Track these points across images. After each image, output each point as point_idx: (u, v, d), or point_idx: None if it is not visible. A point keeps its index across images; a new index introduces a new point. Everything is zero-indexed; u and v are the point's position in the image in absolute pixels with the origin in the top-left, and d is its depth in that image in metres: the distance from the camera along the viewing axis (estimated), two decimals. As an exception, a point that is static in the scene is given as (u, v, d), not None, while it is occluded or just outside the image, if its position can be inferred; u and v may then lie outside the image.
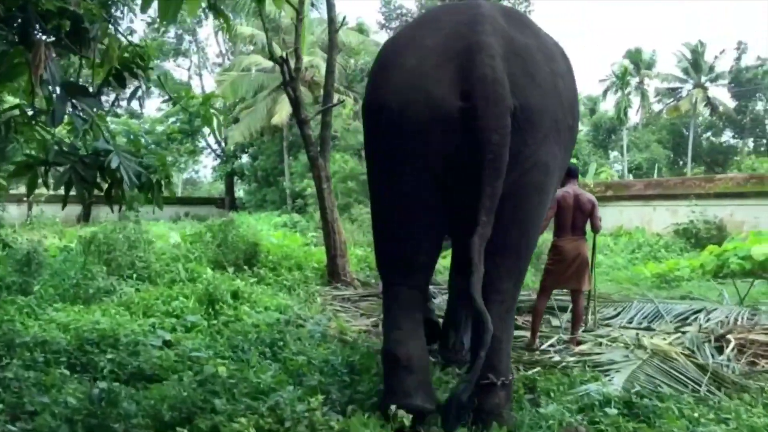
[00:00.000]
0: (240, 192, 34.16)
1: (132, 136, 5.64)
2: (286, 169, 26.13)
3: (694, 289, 9.31)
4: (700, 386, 4.42)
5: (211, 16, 32.77)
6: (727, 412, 3.68)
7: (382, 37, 31.89)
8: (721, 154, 42.02)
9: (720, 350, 5.15)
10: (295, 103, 8.53)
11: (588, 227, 5.60)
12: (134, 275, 7.78)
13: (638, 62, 39.10)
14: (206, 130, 32.98)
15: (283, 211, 23.78)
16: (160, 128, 26.57)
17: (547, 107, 3.44)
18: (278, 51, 10.41)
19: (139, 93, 4.35)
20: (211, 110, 4.63)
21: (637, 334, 5.46)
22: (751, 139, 41.92)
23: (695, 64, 39.79)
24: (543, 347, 5.48)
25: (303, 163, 23.32)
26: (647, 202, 15.81)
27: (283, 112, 22.01)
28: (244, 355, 4.36)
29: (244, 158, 31.40)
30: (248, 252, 9.08)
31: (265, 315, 6.27)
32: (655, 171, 30.97)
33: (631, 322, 6.54)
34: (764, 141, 41.63)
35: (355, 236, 12.32)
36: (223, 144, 33.38)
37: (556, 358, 5.12)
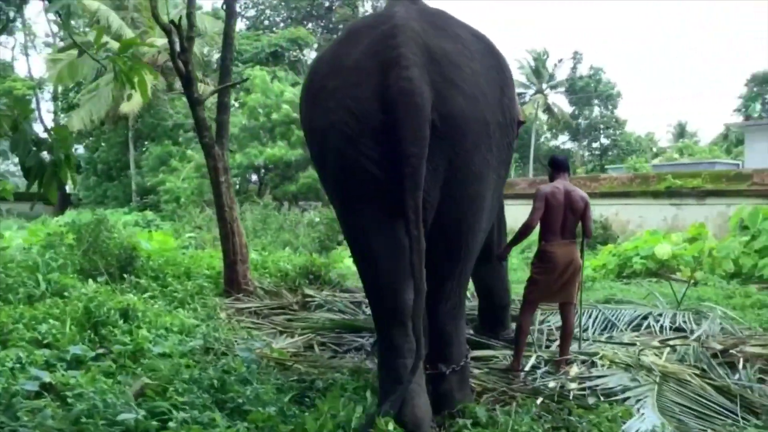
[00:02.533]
0: (70, 187, 30.67)
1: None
2: (132, 162, 23.65)
3: (606, 290, 9.05)
4: (735, 414, 3.83)
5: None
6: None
7: (239, 25, 30.14)
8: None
9: (727, 367, 4.61)
10: (187, 78, 7.09)
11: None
12: (-26, 291, 5.99)
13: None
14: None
15: (131, 209, 21.39)
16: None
17: (472, 111, 3.45)
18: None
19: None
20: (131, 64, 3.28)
21: (638, 352, 4.81)
22: (585, 142, 44.89)
23: (537, 71, 41.89)
24: (526, 369, 4.66)
25: (155, 155, 21.18)
26: (531, 200, 15.70)
27: (134, 98, 19.69)
28: (192, 411, 3.05)
29: (80, 149, 28.15)
30: (123, 257, 7.48)
31: (173, 340, 4.92)
32: (512, 171, 31.99)
33: (585, 331, 5.96)
34: (598, 144, 44.71)
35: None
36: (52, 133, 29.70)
37: (552, 383, 4.31)
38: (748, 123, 29.41)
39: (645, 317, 6.47)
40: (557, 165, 4.87)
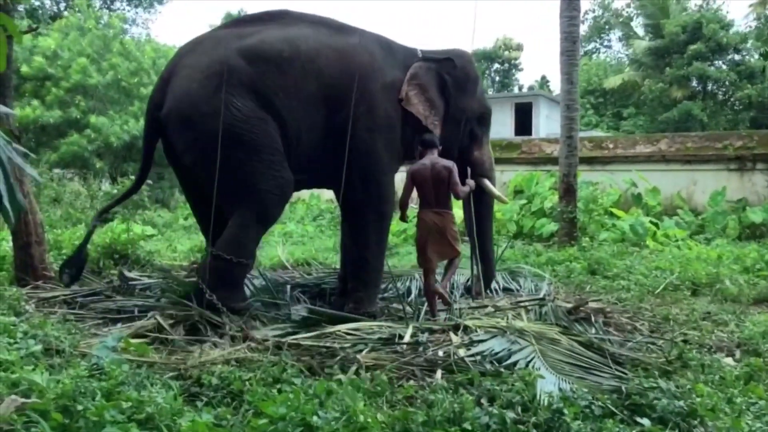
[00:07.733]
0: None
1: None
2: None
3: (414, 254, 9.43)
4: (608, 366, 4.20)
5: None
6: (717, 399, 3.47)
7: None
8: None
9: (584, 323, 5.06)
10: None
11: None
12: None
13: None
14: None
15: None
16: None
17: (177, 107, 4.92)
18: None
19: None
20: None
21: (507, 316, 5.05)
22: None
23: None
24: (405, 341, 4.65)
25: None
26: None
27: None
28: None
29: None
30: None
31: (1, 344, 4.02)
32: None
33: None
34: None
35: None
36: None
37: (441, 353, 4.35)
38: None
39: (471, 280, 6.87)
40: (425, 144, 5.39)
